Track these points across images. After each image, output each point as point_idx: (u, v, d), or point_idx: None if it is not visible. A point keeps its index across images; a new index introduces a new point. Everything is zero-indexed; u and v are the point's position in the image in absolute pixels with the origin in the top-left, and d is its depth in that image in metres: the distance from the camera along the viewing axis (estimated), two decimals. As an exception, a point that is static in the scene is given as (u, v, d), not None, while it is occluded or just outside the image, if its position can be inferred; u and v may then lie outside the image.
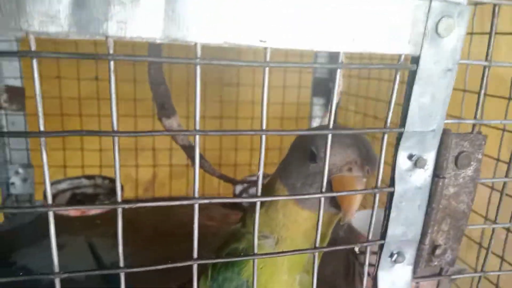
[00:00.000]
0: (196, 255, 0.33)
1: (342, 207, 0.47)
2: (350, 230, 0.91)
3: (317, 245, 0.38)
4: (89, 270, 0.30)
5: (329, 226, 0.54)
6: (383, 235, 0.41)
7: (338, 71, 0.35)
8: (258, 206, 0.35)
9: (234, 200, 0.33)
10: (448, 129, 0.40)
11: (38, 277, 0.29)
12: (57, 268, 0.30)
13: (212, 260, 0.36)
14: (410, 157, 0.39)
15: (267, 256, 0.36)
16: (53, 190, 1.15)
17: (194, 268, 0.34)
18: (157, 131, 0.30)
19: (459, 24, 0.36)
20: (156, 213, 1.27)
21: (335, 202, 0.48)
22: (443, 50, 0.37)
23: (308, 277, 0.55)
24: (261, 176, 0.34)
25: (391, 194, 0.39)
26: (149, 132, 0.29)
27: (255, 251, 0.36)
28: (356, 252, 0.84)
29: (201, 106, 0.30)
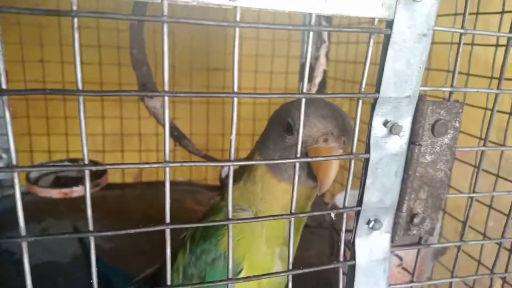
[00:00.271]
0: (168, 220, 0.33)
1: (318, 177, 0.47)
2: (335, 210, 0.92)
3: (292, 211, 0.37)
4: (59, 234, 0.30)
5: (308, 200, 0.54)
6: (360, 202, 0.41)
7: (310, 34, 0.34)
8: (232, 171, 0.35)
9: (207, 164, 0.32)
10: (423, 95, 0.40)
11: (4, 241, 0.28)
12: (23, 231, 0.29)
13: (185, 225, 0.35)
14: (385, 123, 0.39)
15: (242, 221, 0.35)
16: (36, 173, 1.14)
17: (167, 232, 0.33)
18: (123, 91, 0.29)
19: (434, -12, 0.36)
20: (142, 200, 1.27)
21: (312, 174, 0.48)
22: (418, 15, 0.36)
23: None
24: (233, 140, 0.33)
25: (367, 161, 0.39)
26: (115, 91, 0.29)
27: (230, 216, 0.35)
28: (339, 229, 0.84)
29: (188, 91, 0.30)
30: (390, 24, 0.36)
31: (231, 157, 0.34)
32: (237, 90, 0.32)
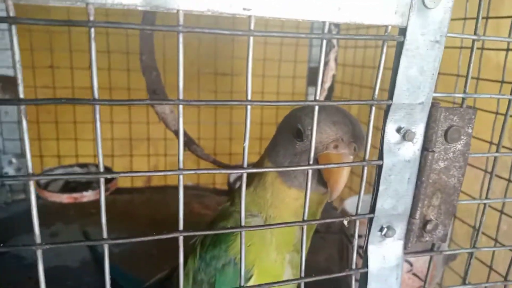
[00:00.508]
0: (181, 227, 0.33)
1: (329, 184, 0.46)
2: (345, 215, 0.92)
3: (305, 218, 0.37)
4: (73, 241, 0.30)
5: (318, 206, 0.54)
6: (372, 209, 0.40)
7: (323, 42, 0.34)
8: (245, 178, 0.35)
9: (219, 171, 0.32)
10: (436, 102, 0.40)
11: (20, 247, 0.28)
12: (38, 239, 0.30)
13: (197, 232, 0.35)
14: (399, 130, 0.39)
15: (254, 228, 0.35)
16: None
17: (180, 240, 0.33)
18: (137, 100, 0.30)
19: (447, -5, 0.36)
20: (151, 204, 1.28)
21: (322, 180, 0.48)
22: (431, 22, 0.36)
23: (298, 256, 0.55)
24: (246, 147, 0.33)
25: (380, 167, 0.39)
26: (130, 100, 0.29)
27: (243, 224, 0.35)
28: (348, 234, 0.84)
29: (195, 95, 0.30)
30: (403, 31, 0.36)
31: (245, 164, 0.34)
32: (245, 94, 0.32)
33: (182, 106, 0.31)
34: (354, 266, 0.43)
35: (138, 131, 1.43)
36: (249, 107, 0.33)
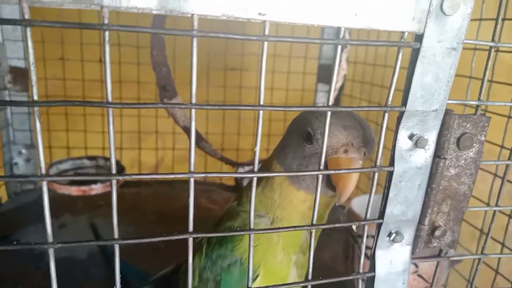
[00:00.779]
0: (191, 229, 0.33)
1: (337, 188, 0.46)
2: (351, 215, 0.91)
3: (314, 222, 0.37)
4: (84, 241, 0.30)
5: (326, 208, 0.54)
6: (382, 214, 0.40)
7: (338, 48, 0.34)
8: (255, 182, 0.35)
9: (230, 175, 0.32)
10: (450, 109, 0.40)
11: (31, 246, 0.29)
12: (50, 238, 0.30)
13: (207, 234, 0.35)
14: (411, 136, 0.39)
15: (263, 231, 0.35)
16: (55, 169, 1.16)
17: (190, 241, 0.33)
18: (148, 103, 0.30)
19: (465, 2, 0.35)
20: (159, 198, 1.28)
21: (331, 183, 0.48)
22: (448, 29, 0.36)
23: (304, 257, 0.55)
24: (258, 151, 0.33)
25: (391, 174, 0.39)
26: (143, 104, 0.29)
27: (251, 227, 0.35)
28: (354, 234, 0.84)
29: (204, 91, 0.30)
30: (419, 37, 0.36)
31: (255, 168, 0.34)
32: (254, 90, 0.32)
33: (194, 110, 0.31)
34: (361, 269, 0.43)
35: (147, 125, 1.43)
36: (261, 112, 0.33)
